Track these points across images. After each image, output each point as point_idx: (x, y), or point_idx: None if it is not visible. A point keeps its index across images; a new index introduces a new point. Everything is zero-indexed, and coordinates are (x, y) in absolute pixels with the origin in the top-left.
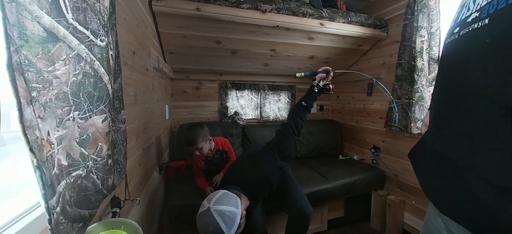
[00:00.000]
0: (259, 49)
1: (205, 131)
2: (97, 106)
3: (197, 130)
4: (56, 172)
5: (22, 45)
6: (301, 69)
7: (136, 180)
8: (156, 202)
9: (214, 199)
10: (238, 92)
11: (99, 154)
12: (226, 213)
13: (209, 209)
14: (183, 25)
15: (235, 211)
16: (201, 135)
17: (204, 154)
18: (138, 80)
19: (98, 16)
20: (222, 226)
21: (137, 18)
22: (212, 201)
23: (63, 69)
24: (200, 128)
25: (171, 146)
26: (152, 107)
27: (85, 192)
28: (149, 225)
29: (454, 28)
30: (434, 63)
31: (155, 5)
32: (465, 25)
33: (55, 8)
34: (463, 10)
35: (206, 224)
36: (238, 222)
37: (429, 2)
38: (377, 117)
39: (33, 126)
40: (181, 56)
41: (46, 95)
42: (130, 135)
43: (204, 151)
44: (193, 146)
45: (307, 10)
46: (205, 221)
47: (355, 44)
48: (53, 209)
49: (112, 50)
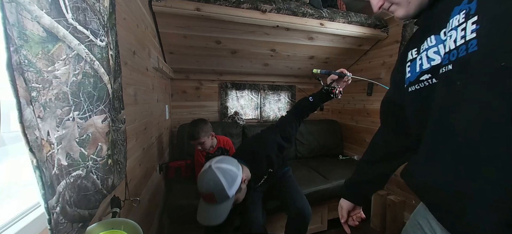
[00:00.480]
0: (259, 49)
1: (208, 127)
2: (97, 106)
3: (200, 124)
4: (56, 172)
5: (22, 45)
6: (301, 69)
7: (136, 180)
8: (156, 202)
9: (216, 159)
10: (238, 92)
11: (99, 154)
12: (227, 171)
13: (211, 167)
14: (183, 25)
15: (236, 171)
16: (204, 130)
17: (206, 149)
18: (138, 80)
19: (98, 16)
20: (223, 182)
21: (137, 18)
22: (214, 161)
23: (63, 69)
24: (203, 123)
25: (171, 146)
26: (152, 107)
27: (85, 192)
28: (149, 225)
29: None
30: None
31: (155, 5)
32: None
33: (55, 8)
34: (417, 63)
35: (207, 179)
36: (239, 183)
37: None
38: (377, 117)
39: (33, 126)
40: (181, 56)
41: (46, 95)
42: (130, 135)
43: (206, 146)
44: (196, 140)
45: (307, 10)
46: (206, 177)
47: (355, 44)
48: (53, 209)
49: (112, 50)
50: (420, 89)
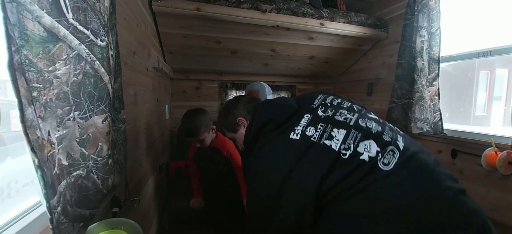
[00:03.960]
0: (259, 49)
1: (208, 119)
2: (98, 106)
3: (198, 117)
4: (57, 172)
5: (22, 45)
6: (301, 69)
7: (136, 180)
8: (156, 202)
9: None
10: (238, 92)
11: (99, 154)
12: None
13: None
14: (183, 25)
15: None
16: (203, 123)
17: (206, 146)
18: (138, 80)
19: (99, 16)
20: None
21: (137, 18)
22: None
23: (64, 69)
24: (201, 114)
25: (171, 146)
26: (152, 107)
27: (86, 192)
28: (149, 225)
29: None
30: (434, 63)
31: (155, 5)
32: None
33: (55, 8)
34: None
35: (256, 83)
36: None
37: (429, 2)
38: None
39: (34, 126)
40: (181, 56)
41: (46, 95)
42: (130, 135)
43: (206, 143)
44: (194, 137)
45: (307, 10)
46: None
47: (355, 44)
48: (54, 209)
49: (112, 50)
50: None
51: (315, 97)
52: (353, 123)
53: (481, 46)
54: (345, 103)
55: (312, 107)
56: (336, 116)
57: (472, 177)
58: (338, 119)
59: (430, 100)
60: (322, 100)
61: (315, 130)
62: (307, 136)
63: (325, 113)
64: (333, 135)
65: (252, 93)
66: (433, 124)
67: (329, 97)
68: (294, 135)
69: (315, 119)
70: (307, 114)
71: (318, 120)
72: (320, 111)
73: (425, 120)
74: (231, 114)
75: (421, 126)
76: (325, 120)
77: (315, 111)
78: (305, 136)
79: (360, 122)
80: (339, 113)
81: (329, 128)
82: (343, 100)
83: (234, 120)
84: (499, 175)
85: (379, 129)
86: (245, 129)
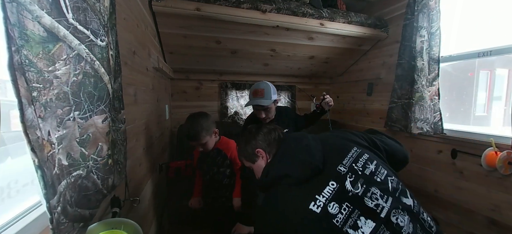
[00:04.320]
0: (259, 49)
1: (210, 122)
2: (98, 106)
3: (200, 121)
4: (57, 172)
5: (22, 45)
6: (301, 69)
7: (136, 180)
8: (156, 202)
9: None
10: (238, 92)
11: (99, 154)
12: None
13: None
14: (183, 25)
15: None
16: (205, 127)
17: (208, 149)
18: (138, 80)
19: (98, 16)
20: (271, 86)
21: (137, 18)
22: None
23: (64, 69)
24: (203, 118)
25: (171, 146)
26: (152, 107)
27: (86, 192)
28: (149, 225)
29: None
30: (434, 63)
31: (155, 5)
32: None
33: (55, 8)
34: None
35: (262, 82)
36: (276, 98)
37: (429, 2)
38: (377, 117)
39: (34, 126)
40: (181, 56)
41: (46, 95)
42: (130, 135)
43: (208, 146)
44: (196, 141)
45: (307, 10)
46: (261, 82)
47: (355, 44)
48: (54, 209)
49: (112, 50)
50: None
51: (346, 151)
52: (384, 215)
53: (481, 46)
54: (380, 171)
55: (340, 172)
56: (366, 198)
57: (472, 177)
58: (368, 205)
59: (430, 100)
60: (354, 161)
61: (339, 209)
62: (329, 215)
63: (354, 188)
64: (359, 226)
65: (257, 92)
66: (433, 124)
67: (363, 155)
68: (314, 206)
69: (341, 194)
70: (333, 182)
71: (345, 198)
72: (349, 182)
73: (425, 120)
74: (250, 144)
75: (421, 126)
76: (352, 201)
77: (343, 180)
78: (327, 214)
79: (392, 217)
80: (371, 194)
81: (356, 214)
82: (378, 165)
83: (252, 151)
84: (499, 175)
85: (410, 230)
86: (263, 161)
